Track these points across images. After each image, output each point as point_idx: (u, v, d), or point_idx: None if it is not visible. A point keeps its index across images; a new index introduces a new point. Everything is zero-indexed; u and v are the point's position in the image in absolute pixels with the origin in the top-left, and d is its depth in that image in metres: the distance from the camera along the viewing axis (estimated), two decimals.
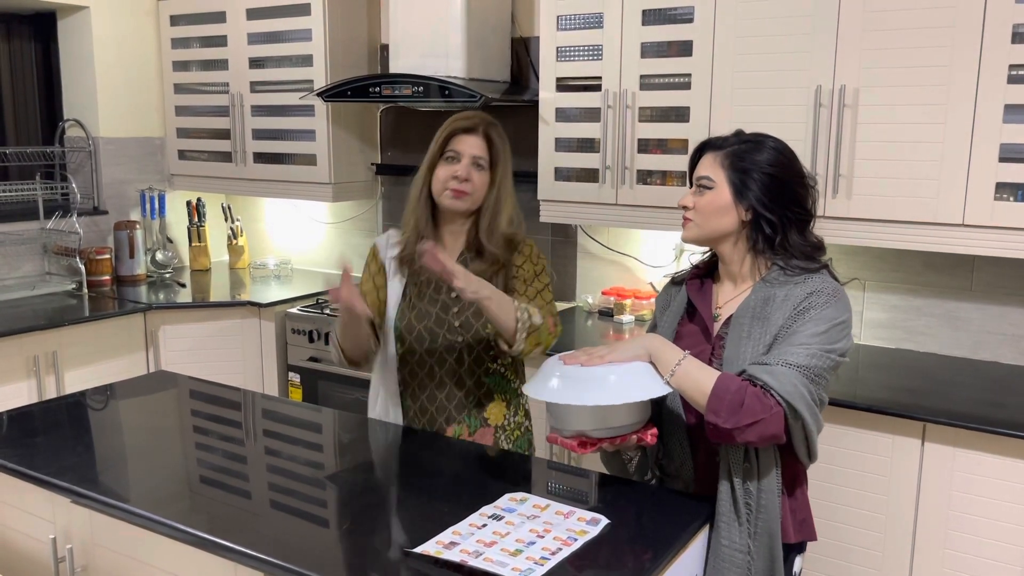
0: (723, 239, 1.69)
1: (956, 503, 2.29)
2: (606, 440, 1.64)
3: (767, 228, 1.64)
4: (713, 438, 1.57)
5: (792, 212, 1.65)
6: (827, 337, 1.56)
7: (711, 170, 1.68)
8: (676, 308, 1.78)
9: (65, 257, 3.75)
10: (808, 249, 1.67)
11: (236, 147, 3.89)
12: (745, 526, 1.60)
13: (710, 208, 1.67)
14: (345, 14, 3.66)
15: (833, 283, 1.64)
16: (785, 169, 1.65)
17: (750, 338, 1.61)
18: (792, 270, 1.64)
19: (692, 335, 1.73)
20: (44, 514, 1.77)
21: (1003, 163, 2.36)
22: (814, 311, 1.58)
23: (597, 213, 3.06)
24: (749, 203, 1.64)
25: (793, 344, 1.55)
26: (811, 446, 1.61)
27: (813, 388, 1.54)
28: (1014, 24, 2.29)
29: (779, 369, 1.53)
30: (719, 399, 1.52)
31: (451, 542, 1.45)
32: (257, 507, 1.63)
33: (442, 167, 1.99)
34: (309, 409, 2.29)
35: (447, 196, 1.99)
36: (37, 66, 4.06)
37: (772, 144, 1.67)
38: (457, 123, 2.01)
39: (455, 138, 2.00)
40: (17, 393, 3.10)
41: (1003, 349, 2.75)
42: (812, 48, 2.56)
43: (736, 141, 1.69)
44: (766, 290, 1.64)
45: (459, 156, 1.99)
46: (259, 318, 3.60)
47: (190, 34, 4.00)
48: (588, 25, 2.97)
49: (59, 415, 2.11)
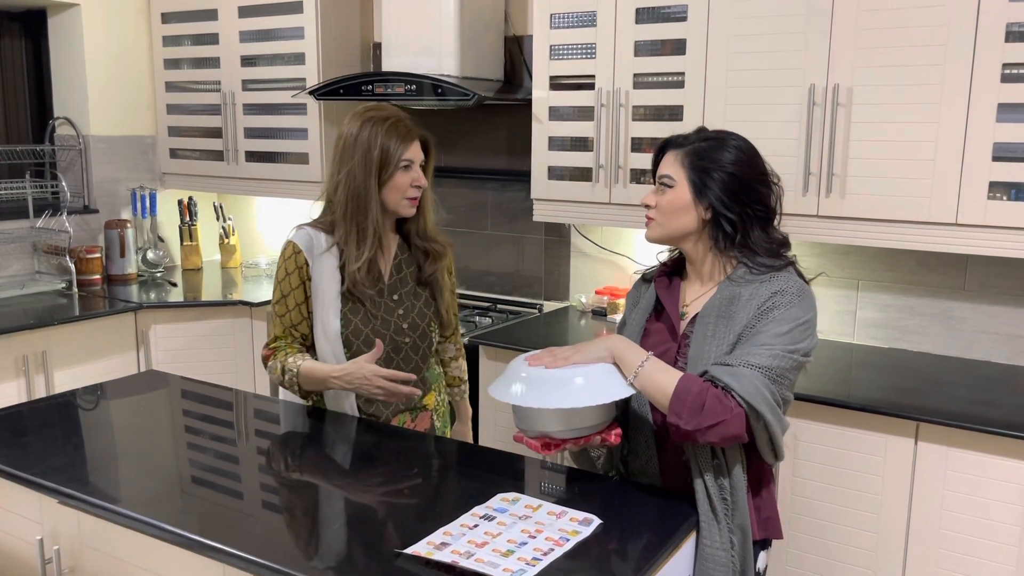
0: (685, 238, 1.70)
1: (949, 503, 2.29)
2: (570, 441, 1.65)
3: (727, 226, 1.65)
4: (676, 438, 1.58)
5: (752, 210, 1.65)
6: (790, 337, 1.57)
7: (672, 169, 1.68)
8: (645, 305, 1.80)
9: (55, 256, 3.72)
10: (772, 246, 1.67)
11: (228, 146, 3.87)
12: (724, 523, 1.61)
13: (671, 207, 1.68)
14: (337, 12, 3.65)
15: (798, 282, 1.65)
16: (746, 168, 1.65)
17: (714, 337, 1.62)
18: (757, 268, 1.64)
19: (659, 333, 1.74)
20: (31, 515, 1.75)
21: (996, 162, 2.36)
22: (778, 311, 1.58)
23: (590, 212, 3.05)
24: (709, 202, 1.65)
25: (756, 344, 1.56)
26: (776, 446, 1.62)
27: (775, 388, 1.55)
28: (1007, 23, 2.29)
29: (741, 370, 1.53)
30: (680, 401, 1.53)
31: (442, 542, 1.44)
32: (248, 508, 1.62)
33: (401, 175, 2.00)
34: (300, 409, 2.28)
35: (405, 204, 2.03)
36: (27, 64, 4.03)
37: (734, 143, 1.67)
38: (402, 130, 2.01)
39: (406, 146, 2.01)
40: (6, 393, 3.08)
41: (996, 348, 2.75)
42: (805, 47, 2.56)
43: (697, 139, 1.69)
44: (731, 289, 1.65)
45: (412, 164, 2.02)
46: (251, 317, 3.58)
47: (182, 32, 3.98)
48: (581, 23, 2.96)
49: (48, 415, 2.10)
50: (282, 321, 2.08)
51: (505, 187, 3.58)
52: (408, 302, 2.11)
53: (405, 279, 2.12)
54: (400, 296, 2.10)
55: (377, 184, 1.99)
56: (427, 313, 2.14)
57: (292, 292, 2.06)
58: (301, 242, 2.05)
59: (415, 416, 2.16)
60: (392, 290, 2.09)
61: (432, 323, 2.16)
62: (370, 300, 2.06)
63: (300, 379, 2.02)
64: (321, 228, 2.07)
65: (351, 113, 2.06)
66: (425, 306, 2.14)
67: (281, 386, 2.08)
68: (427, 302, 2.15)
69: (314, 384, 2.03)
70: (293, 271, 2.06)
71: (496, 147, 3.59)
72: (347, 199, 2.00)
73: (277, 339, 2.09)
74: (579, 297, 3.45)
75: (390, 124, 2.00)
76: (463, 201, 3.70)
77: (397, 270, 2.12)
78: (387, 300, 2.08)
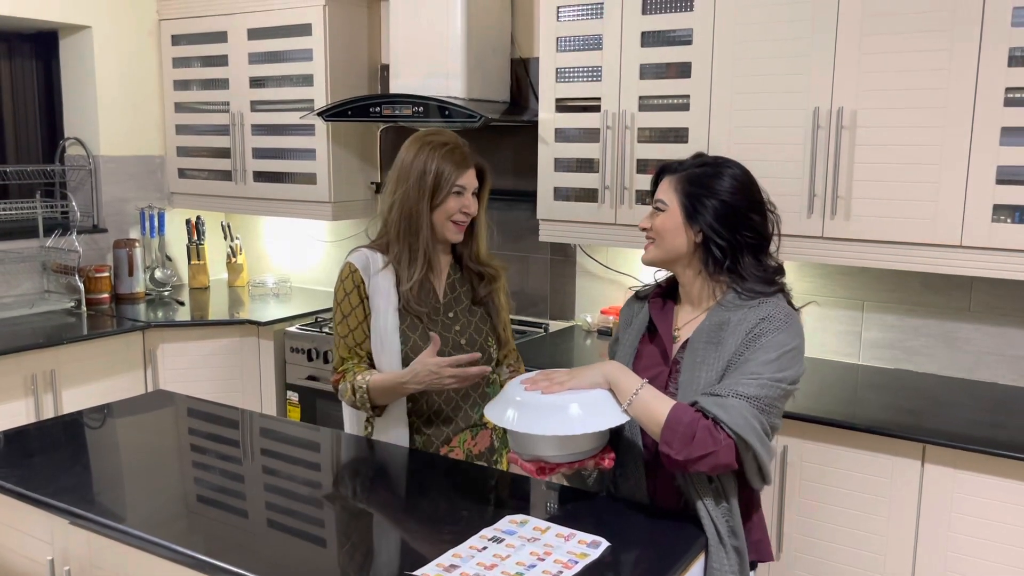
0: (678, 260, 1.74)
1: (957, 525, 2.28)
2: (565, 464, 1.67)
3: (717, 252, 1.68)
4: (668, 466, 1.61)
5: (743, 237, 1.67)
6: (778, 365, 1.59)
7: (666, 194, 1.72)
8: (638, 326, 1.82)
9: (64, 275, 3.75)
10: (764, 273, 1.69)
11: (236, 166, 3.90)
12: (729, 545, 1.63)
13: (663, 229, 1.71)
14: (346, 34, 3.68)
15: (786, 308, 1.67)
16: (739, 196, 1.67)
17: (704, 363, 1.65)
18: (747, 294, 1.67)
19: (651, 355, 1.77)
20: (41, 535, 1.76)
21: (1000, 185, 2.37)
22: (765, 337, 1.61)
23: (596, 233, 3.06)
24: (700, 226, 1.68)
25: (744, 374, 1.59)
26: (764, 472, 1.64)
27: (764, 419, 1.58)
28: (1010, 47, 2.31)
29: (730, 401, 1.56)
30: (672, 431, 1.56)
31: (451, 564, 1.44)
32: (255, 527, 1.62)
33: (453, 200, 2.03)
34: (307, 428, 2.29)
35: (451, 229, 2.06)
36: (38, 85, 4.08)
37: (729, 171, 1.70)
38: (458, 157, 2.04)
39: (460, 172, 2.03)
40: (15, 412, 3.09)
41: (1001, 370, 2.75)
42: (810, 70, 2.58)
43: (692, 165, 1.73)
44: (721, 314, 1.67)
45: (464, 190, 2.05)
46: (258, 337, 3.60)
47: (191, 53, 4.02)
48: (587, 47, 2.99)
49: (56, 434, 2.11)
50: (346, 342, 2.08)
51: (511, 207, 3.60)
52: (464, 319, 2.13)
53: (460, 298, 2.15)
54: (456, 313, 2.12)
55: (429, 207, 2.02)
56: (484, 329, 2.16)
57: (353, 311, 2.07)
58: (357, 262, 2.08)
59: (475, 434, 2.15)
60: (447, 308, 2.12)
61: (489, 339, 2.16)
62: (427, 317, 2.07)
63: (371, 393, 2.01)
64: (376, 248, 2.10)
65: (411, 137, 2.09)
66: (481, 322, 2.16)
67: (353, 407, 2.07)
68: (483, 318, 2.17)
69: (385, 395, 2.03)
70: (352, 290, 2.07)
71: (502, 168, 3.61)
72: (400, 219, 2.04)
73: (344, 360, 2.09)
74: (584, 317, 3.46)
75: (447, 150, 2.03)
76: None
77: (451, 289, 2.14)
78: (443, 318, 2.10)
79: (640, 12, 2.85)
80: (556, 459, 1.66)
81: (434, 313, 2.09)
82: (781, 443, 2.48)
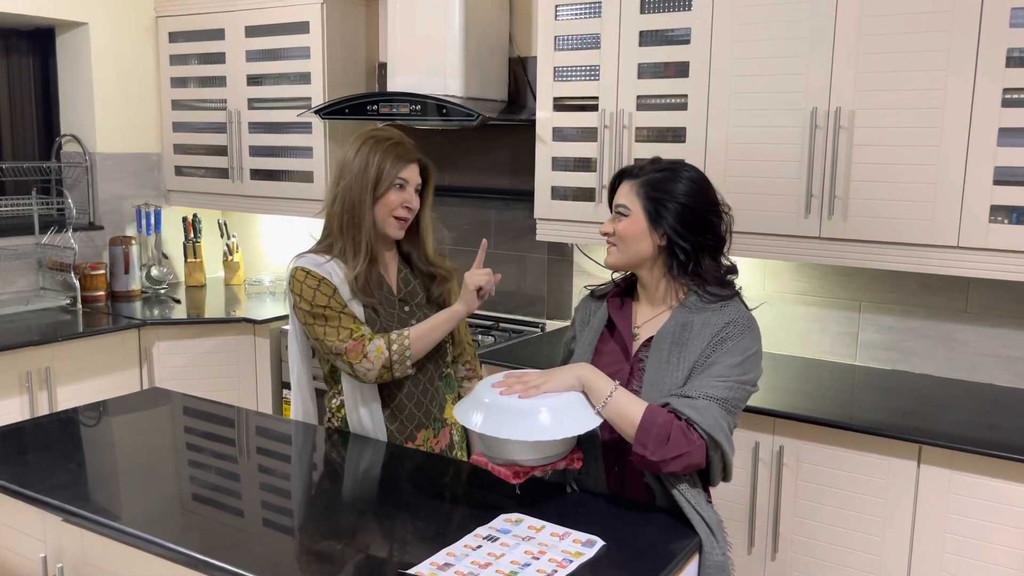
0: (642, 263, 1.78)
1: (952, 526, 2.28)
2: (539, 467, 1.68)
3: (680, 254, 1.72)
4: (641, 467, 1.64)
5: (704, 239, 1.73)
6: (742, 368, 1.66)
7: (627, 199, 1.76)
8: (596, 324, 1.86)
9: (60, 272, 3.74)
10: (720, 274, 1.75)
11: (233, 163, 3.90)
12: (715, 524, 1.66)
13: (627, 234, 1.75)
14: (344, 32, 3.68)
15: (747, 313, 1.74)
16: (698, 198, 1.72)
17: (669, 363, 1.69)
18: (708, 296, 1.72)
19: (612, 353, 1.80)
20: (35, 532, 1.75)
21: (998, 186, 2.37)
22: (731, 342, 1.67)
23: (593, 232, 3.06)
24: (664, 230, 1.72)
25: (712, 376, 1.65)
26: (728, 470, 1.70)
27: (730, 419, 1.65)
28: (1008, 48, 2.31)
29: (701, 403, 1.61)
30: (647, 432, 1.59)
31: (446, 563, 1.44)
32: (250, 526, 1.62)
33: (394, 193, 2.03)
34: (303, 427, 2.28)
35: (393, 224, 2.06)
36: (35, 81, 4.06)
37: (687, 173, 1.75)
38: (401, 151, 2.05)
39: (402, 166, 2.04)
40: (9, 409, 3.08)
41: (998, 371, 2.75)
42: (808, 70, 2.58)
43: (652, 170, 1.76)
44: (684, 315, 1.72)
45: (406, 184, 2.05)
46: (254, 335, 3.59)
47: (189, 51, 4.01)
48: (585, 46, 2.98)
49: (51, 432, 2.10)
50: (343, 315, 2.02)
51: (508, 206, 3.60)
52: (421, 313, 2.14)
53: (415, 291, 2.16)
54: (411, 308, 2.14)
55: (372, 199, 2.03)
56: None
57: (332, 296, 2.02)
58: (307, 264, 2.06)
59: (438, 432, 2.17)
60: (403, 303, 2.13)
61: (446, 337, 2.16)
62: (382, 309, 2.08)
63: (412, 343, 2.00)
64: (320, 252, 2.08)
65: (355, 135, 2.10)
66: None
67: (384, 368, 1.99)
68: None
69: (430, 337, 2.04)
70: (318, 282, 2.02)
71: (500, 167, 3.61)
72: (343, 212, 2.04)
73: (353, 332, 2.01)
74: None
75: (390, 144, 2.05)
76: (466, 220, 3.71)
77: (404, 284, 2.15)
78: (399, 311, 2.12)
79: (638, 11, 2.84)
80: (531, 462, 1.67)
81: (389, 305, 2.10)
82: (777, 443, 2.48)
